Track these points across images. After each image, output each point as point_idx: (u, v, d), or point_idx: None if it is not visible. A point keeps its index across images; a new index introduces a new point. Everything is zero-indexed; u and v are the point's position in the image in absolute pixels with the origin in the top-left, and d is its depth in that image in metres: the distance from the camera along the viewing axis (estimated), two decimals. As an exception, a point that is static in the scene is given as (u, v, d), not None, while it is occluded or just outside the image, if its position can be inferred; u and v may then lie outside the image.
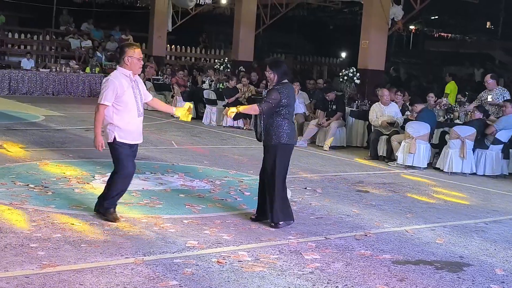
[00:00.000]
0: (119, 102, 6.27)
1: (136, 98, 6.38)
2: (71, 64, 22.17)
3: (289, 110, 6.66)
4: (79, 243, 5.54)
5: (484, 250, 6.29)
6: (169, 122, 15.86)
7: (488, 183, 10.39)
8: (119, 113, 6.29)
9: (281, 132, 6.55)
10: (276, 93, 6.53)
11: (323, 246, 5.97)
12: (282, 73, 6.64)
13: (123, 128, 6.33)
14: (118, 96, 6.24)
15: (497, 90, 11.86)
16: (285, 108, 6.58)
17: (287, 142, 6.62)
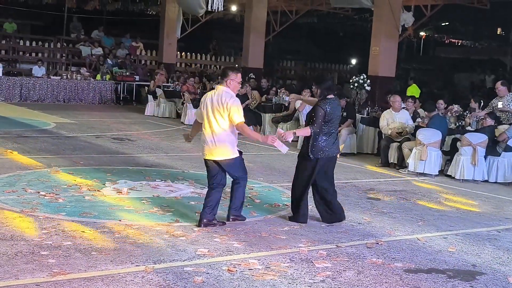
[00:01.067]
0: None
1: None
2: (81, 72, 22.26)
3: (329, 125, 6.93)
4: (90, 251, 5.53)
5: (497, 258, 6.23)
6: (179, 130, 15.87)
7: (500, 190, 10.31)
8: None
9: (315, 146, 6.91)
10: (319, 109, 6.88)
11: (334, 254, 5.94)
12: (325, 88, 6.99)
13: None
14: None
15: (508, 96, 11.79)
16: (325, 124, 6.89)
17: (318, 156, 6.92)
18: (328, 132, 6.95)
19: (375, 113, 13.74)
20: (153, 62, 26.42)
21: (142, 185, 8.44)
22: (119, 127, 15.30)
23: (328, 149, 6.98)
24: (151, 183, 8.59)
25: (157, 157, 11.12)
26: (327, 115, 6.88)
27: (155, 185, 8.49)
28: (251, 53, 21.69)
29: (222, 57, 28.58)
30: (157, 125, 16.60)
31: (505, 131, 10.91)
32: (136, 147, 12.17)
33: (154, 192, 8.04)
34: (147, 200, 7.60)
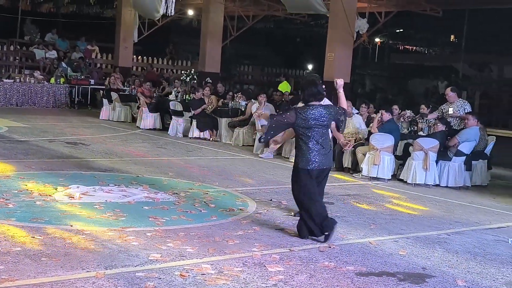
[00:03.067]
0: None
1: None
2: (35, 75, 21.90)
3: (311, 133, 6.68)
4: (40, 256, 5.44)
5: (446, 261, 6.35)
6: (134, 134, 15.76)
7: (451, 194, 10.52)
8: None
9: (299, 156, 6.78)
10: (292, 113, 6.74)
11: (287, 258, 5.97)
12: (307, 94, 6.77)
13: None
14: None
15: (458, 102, 12.04)
16: (304, 131, 6.69)
17: (302, 167, 6.75)
18: (312, 141, 6.67)
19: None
20: (108, 66, 26.17)
21: (95, 190, 8.33)
22: (73, 131, 15.10)
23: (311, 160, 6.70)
24: (104, 188, 8.50)
25: (111, 162, 11.01)
26: (303, 120, 6.63)
27: (108, 190, 8.40)
28: (208, 57, 21.67)
29: (179, 61, 28.50)
30: (112, 129, 16.44)
31: (456, 136, 11.14)
32: (90, 152, 12.03)
33: (107, 197, 7.95)
34: (99, 205, 7.51)
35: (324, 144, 6.74)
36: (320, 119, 6.69)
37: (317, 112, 6.68)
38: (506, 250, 6.97)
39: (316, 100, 6.76)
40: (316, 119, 6.66)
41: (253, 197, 8.79)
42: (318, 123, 6.67)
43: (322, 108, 6.75)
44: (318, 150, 6.69)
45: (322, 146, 6.71)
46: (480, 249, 6.92)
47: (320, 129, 6.71)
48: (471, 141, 11.14)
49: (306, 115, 6.66)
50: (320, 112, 6.70)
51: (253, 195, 8.90)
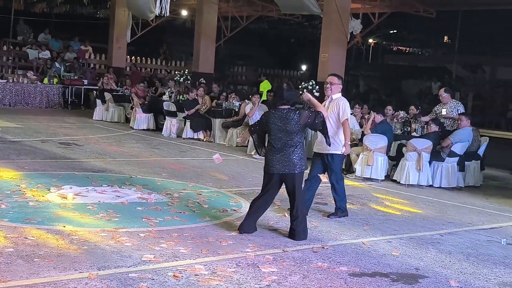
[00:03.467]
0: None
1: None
2: (28, 75, 21.82)
3: (272, 138, 6.70)
4: (32, 257, 5.42)
5: (439, 261, 6.37)
6: (127, 134, 15.73)
7: (444, 195, 10.55)
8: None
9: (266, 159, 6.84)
10: (262, 116, 6.94)
11: (280, 259, 5.97)
12: (276, 97, 6.88)
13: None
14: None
15: (451, 103, 12.07)
16: (269, 133, 6.76)
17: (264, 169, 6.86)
18: (274, 144, 6.69)
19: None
20: (102, 66, 26.11)
21: (88, 190, 8.31)
22: (66, 132, 15.06)
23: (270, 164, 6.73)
24: (98, 188, 8.48)
25: (105, 162, 10.99)
26: (264, 124, 6.81)
27: (101, 190, 8.38)
28: (201, 58, 21.64)
29: (173, 61, 28.46)
30: (105, 129, 16.41)
31: (449, 137, 11.17)
32: (83, 152, 12.00)
33: (100, 198, 7.94)
34: (92, 206, 7.50)
35: (284, 150, 6.64)
36: (281, 124, 6.63)
37: (278, 117, 6.66)
38: (499, 251, 6.99)
39: (283, 104, 6.73)
40: (275, 124, 6.65)
41: (247, 197, 8.77)
42: (278, 127, 6.64)
43: (287, 113, 6.66)
44: (276, 154, 6.68)
45: (280, 151, 6.65)
46: (473, 250, 6.94)
47: (280, 134, 6.65)
48: (464, 142, 11.17)
49: (267, 118, 6.76)
50: (283, 116, 6.64)
51: (247, 196, 8.89)
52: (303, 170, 6.78)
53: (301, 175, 6.82)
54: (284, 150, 6.65)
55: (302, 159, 6.74)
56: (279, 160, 6.66)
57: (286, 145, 6.66)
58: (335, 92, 8.02)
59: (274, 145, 6.69)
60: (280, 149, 6.66)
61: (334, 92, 8.02)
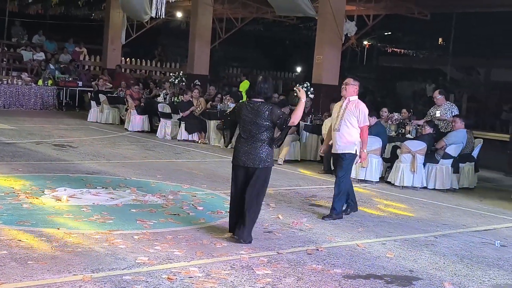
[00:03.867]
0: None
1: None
2: (23, 77, 21.76)
3: (242, 129, 6.64)
4: (26, 260, 5.41)
5: (433, 263, 6.38)
6: (122, 136, 15.71)
7: (438, 197, 10.57)
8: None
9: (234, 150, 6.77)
10: (234, 107, 6.94)
11: (275, 261, 5.97)
12: (251, 89, 6.88)
13: None
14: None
15: (445, 105, 12.10)
16: (240, 126, 6.68)
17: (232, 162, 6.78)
18: (243, 135, 6.63)
19: (318, 120, 13.91)
20: (97, 68, 26.07)
21: (82, 192, 8.30)
22: (60, 134, 15.03)
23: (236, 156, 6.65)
24: (92, 190, 8.47)
25: (99, 164, 10.97)
26: (235, 114, 6.79)
27: (95, 192, 8.37)
28: (196, 59, 21.65)
29: (168, 63, 28.43)
30: (100, 131, 16.39)
31: (443, 138, 11.20)
32: (78, 154, 11.98)
33: (95, 200, 7.92)
34: (87, 208, 7.48)
35: (252, 143, 6.52)
36: (252, 116, 6.51)
37: (250, 109, 6.55)
38: (493, 253, 7.01)
39: (255, 96, 6.66)
40: (247, 115, 6.54)
41: (241, 199, 8.76)
42: (249, 119, 6.52)
43: (259, 106, 6.53)
44: (243, 146, 6.56)
45: (248, 144, 6.54)
46: (467, 252, 6.96)
47: (249, 126, 6.54)
48: (458, 143, 11.20)
49: (239, 109, 6.68)
50: (255, 109, 6.52)
51: (241, 198, 8.87)
52: (269, 167, 6.58)
53: (265, 172, 6.57)
54: (252, 143, 6.53)
55: (269, 156, 6.57)
56: (246, 153, 6.54)
57: (254, 138, 6.53)
58: (350, 93, 8.20)
59: (243, 136, 6.61)
60: (248, 141, 6.55)
61: (349, 93, 8.19)
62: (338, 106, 8.35)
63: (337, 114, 8.26)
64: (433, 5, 19.89)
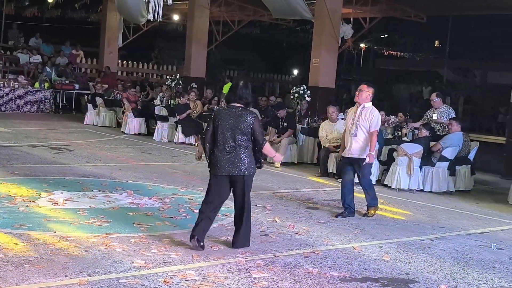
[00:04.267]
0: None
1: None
2: (19, 79, 21.77)
3: (222, 136, 6.26)
4: (22, 263, 5.40)
5: (429, 266, 6.39)
6: (119, 139, 15.70)
7: (435, 199, 10.58)
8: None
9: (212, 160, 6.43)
10: (211, 115, 6.50)
11: (271, 264, 5.97)
12: (231, 93, 6.45)
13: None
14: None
15: (442, 108, 12.12)
16: (218, 133, 6.30)
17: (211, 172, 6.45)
18: (219, 144, 6.29)
19: (315, 123, 13.92)
20: (93, 70, 26.07)
21: (79, 195, 8.30)
22: (57, 136, 15.02)
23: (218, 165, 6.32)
24: (88, 193, 8.47)
25: (96, 167, 10.96)
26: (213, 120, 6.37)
27: (92, 195, 8.37)
28: (193, 62, 21.68)
29: (164, 66, 28.45)
30: (97, 134, 16.38)
31: (439, 141, 11.21)
32: (74, 157, 11.97)
33: (91, 203, 7.92)
34: (83, 211, 7.48)
35: (234, 151, 6.23)
36: (234, 122, 6.21)
37: (231, 114, 6.25)
38: (489, 255, 7.02)
39: (236, 101, 6.34)
40: (228, 121, 6.22)
41: (238, 202, 8.77)
42: (230, 125, 6.21)
43: (241, 111, 6.27)
44: (225, 155, 6.25)
45: (230, 152, 6.24)
46: (463, 254, 6.97)
47: (231, 132, 6.22)
48: (455, 146, 11.21)
49: (218, 114, 6.33)
50: (237, 114, 6.24)
51: (238, 201, 8.88)
52: (253, 173, 6.42)
53: (250, 178, 6.44)
54: (234, 151, 6.23)
55: (252, 162, 6.36)
56: (228, 161, 6.24)
57: (237, 145, 6.23)
58: (364, 99, 8.45)
59: (225, 144, 6.24)
60: (229, 149, 6.24)
61: (363, 99, 8.44)
62: (352, 112, 8.62)
63: (352, 120, 8.50)
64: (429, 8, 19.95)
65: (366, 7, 19.30)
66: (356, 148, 8.40)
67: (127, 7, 19.87)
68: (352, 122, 8.48)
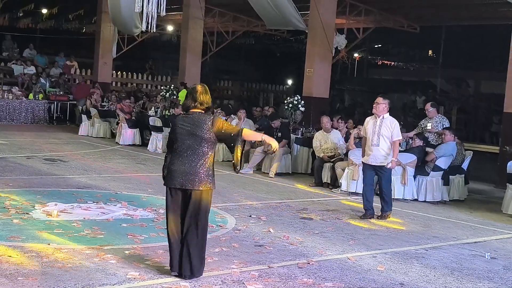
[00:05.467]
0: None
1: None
2: (13, 91, 21.76)
3: (179, 144, 5.64)
4: (16, 276, 5.39)
5: (424, 276, 6.39)
6: (113, 150, 15.69)
7: (429, 209, 10.60)
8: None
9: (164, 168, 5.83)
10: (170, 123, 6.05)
11: (266, 275, 5.97)
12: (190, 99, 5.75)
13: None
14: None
15: (436, 118, 12.16)
16: (172, 139, 5.75)
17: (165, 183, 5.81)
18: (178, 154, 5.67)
19: (309, 133, 13.96)
20: (87, 81, 26.08)
21: (73, 207, 8.28)
22: (51, 148, 15.00)
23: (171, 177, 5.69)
24: (82, 205, 8.45)
25: (90, 178, 10.95)
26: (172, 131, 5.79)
27: (86, 207, 8.36)
28: (187, 73, 21.72)
29: (159, 76, 28.48)
30: (91, 145, 16.37)
31: (433, 151, 11.25)
32: (68, 168, 11.96)
33: (85, 215, 7.90)
34: (77, 223, 7.47)
35: (190, 161, 5.60)
36: (191, 128, 5.59)
37: (189, 120, 5.64)
38: (483, 265, 7.03)
39: (196, 107, 5.70)
40: (184, 128, 5.61)
41: (233, 213, 8.79)
42: (187, 132, 5.61)
43: (199, 116, 5.66)
44: (180, 165, 5.61)
45: (186, 162, 5.60)
46: (457, 264, 6.98)
47: (188, 140, 5.61)
48: (448, 156, 11.25)
49: (175, 121, 5.73)
50: (195, 119, 5.63)
51: (232, 211, 8.90)
52: (210, 189, 5.72)
53: (207, 195, 5.71)
54: (190, 161, 5.60)
55: (210, 176, 5.69)
56: (183, 173, 5.59)
57: (194, 154, 5.60)
58: (381, 111, 9.18)
59: (180, 153, 5.64)
60: (185, 158, 5.61)
61: (380, 110, 9.17)
62: (371, 123, 9.26)
63: (372, 130, 9.19)
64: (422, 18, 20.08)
65: (360, 18, 19.41)
66: (379, 156, 9.14)
67: (121, 18, 19.93)
68: (373, 133, 9.17)
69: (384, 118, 9.17)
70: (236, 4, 20.87)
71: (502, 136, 14.65)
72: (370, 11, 19.16)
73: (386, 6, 19.14)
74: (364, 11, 18.91)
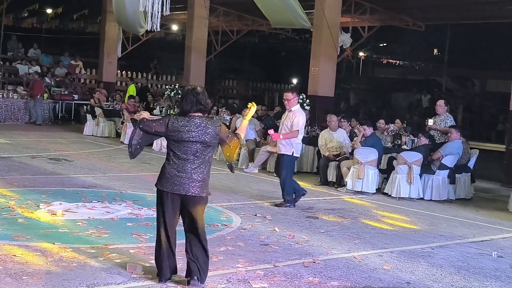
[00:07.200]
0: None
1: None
2: (18, 90, 21.77)
3: (178, 148, 5.40)
4: (21, 275, 5.37)
5: (430, 275, 6.35)
6: (118, 149, 15.68)
7: (435, 208, 10.55)
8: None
9: (160, 172, 5.59)
10: (164, 121, 5.48)
11: (271, 274, 5.94)
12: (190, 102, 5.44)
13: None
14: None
15: (442, 116, 12.10)
16: (171, 144, 5.47)
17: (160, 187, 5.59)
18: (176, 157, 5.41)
19: (314, 132, 13.91)
20: (92, 81, 26.10)
21: (77, 206, 8.26)
22: (56, 147, 15.00)
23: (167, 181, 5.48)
24: (87, 204, 8.43)
25: (95, 178, 10.93)
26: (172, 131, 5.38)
27: (91, 206, 8.34)
28: (192, 72, 21.66)
29: (164, 76, 28.48)
30: (96, 144, 16.36)
31: (439, 149, 11.20)
32: (73, 168, 11.95)
33: (90, 214, 7.89)
34: (82, 222, 7.45)
35: (190, 165, 5.37)
36: (198, 134, 5.36)
37: (194, 125, 5.37)
38: (490, 264, 6.99)
39: (199, 111, 5.45)
40: (190, 132, 5.35)
41: (238, 212, 8.76)
42: (193, 137, 5.35)
43: (206, 121, 5.44)
44: (181, 172, 5.37)
45: (186, 168, 5.37)
46: (464, 263, 6.94)
47: (194, 146, 5.37)
48: (454, 154, 11.20)
49: (178, 126, 5.39)
50: (202, 125, 5.39)
51: (238, 210, 8.87)
52: (206, 195, 5.50)
53: (204, 202, 5.53)
54: (192, 167, 5.38)
55: (206, 182, 5.49)
56: (180, 178, 5.38)
57: (196, 159, 5.40)
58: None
59: (179, 157, 5.40)
60: (185, 163, 5.38)
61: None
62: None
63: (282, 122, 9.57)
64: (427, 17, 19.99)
65: (365, 16, 19.33)
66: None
67: (126, 17, 19.91)
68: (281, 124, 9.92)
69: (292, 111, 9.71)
70: (241, 3, 20.82)
71: (508, 135, 14.57)
72: (375, 10, 19.09)
73: (391, 5, 19.06)
74: (369, 10, 18.83)
